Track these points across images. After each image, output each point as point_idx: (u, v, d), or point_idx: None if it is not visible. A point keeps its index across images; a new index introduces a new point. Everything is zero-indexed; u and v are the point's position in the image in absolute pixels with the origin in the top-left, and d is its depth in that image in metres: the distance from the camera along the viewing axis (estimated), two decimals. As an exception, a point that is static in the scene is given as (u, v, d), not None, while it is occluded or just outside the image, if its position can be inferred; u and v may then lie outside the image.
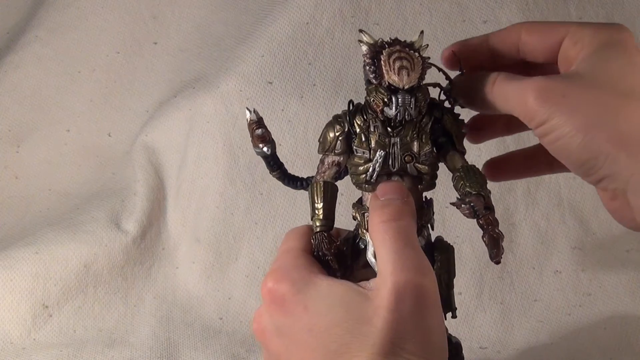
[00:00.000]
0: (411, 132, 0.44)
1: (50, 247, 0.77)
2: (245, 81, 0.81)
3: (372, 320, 0.39)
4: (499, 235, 0.44)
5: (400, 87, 0.42)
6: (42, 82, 0.91)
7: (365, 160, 0.45)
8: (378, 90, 0.43)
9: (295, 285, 0.42)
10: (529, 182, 0.80)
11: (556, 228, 0.79)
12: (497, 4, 0.81)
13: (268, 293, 0.43)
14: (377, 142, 0.44)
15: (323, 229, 0.45)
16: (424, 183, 0.45)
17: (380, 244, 0.42)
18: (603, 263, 0.79)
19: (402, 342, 0.39)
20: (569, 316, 0.76)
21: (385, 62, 0.42)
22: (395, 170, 0.45)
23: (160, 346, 0.73)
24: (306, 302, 0.41)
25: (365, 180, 0.45)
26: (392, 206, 0.43)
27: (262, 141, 0.47)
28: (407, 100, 0.42)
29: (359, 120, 0.45)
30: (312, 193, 0.46)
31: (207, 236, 0.81)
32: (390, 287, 0.39)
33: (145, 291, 0.80)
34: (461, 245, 0.77)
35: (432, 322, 0.41)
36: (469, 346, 0.74)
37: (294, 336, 0.42)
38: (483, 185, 0.44)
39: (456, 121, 0.45)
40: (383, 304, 0.39)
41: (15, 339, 0.74)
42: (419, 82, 0.42)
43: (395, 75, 0.42)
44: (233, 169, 0.81)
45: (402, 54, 0.42)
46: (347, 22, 0.82)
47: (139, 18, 0.91)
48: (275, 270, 0.44)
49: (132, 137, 0.89)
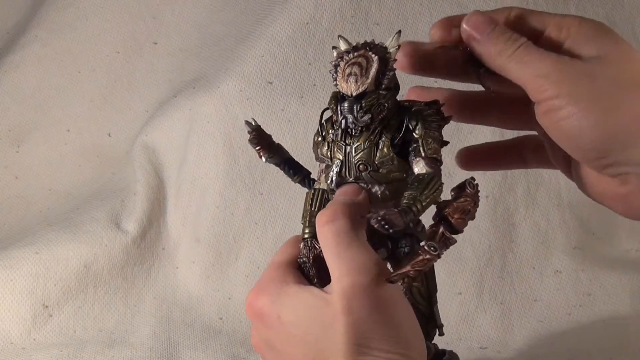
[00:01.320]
0: (364, 140, 0.42)
1: (50, 247, 0.77)
2: (245, 81, 0.81)
3: (334, 325, 0.39)
4: (393, 214, 0.40)
5: (348, 94, 0.41)
6: (42, 82, 0.91)
7: (329, 167, 0.44)
8: (330, 99, 0.42)
9: (270, 296, 0.42)
10: (529, 182, 0.80)
11: (556, 228, 0.79)
12: (497, 4, 0.81)
13: (248, 308, 0.44)
14: (335, 151, 0.43)
15: (310, 236, 0.45)
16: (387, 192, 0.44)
17: (324, 249, 0.42)
18: (603, 263, 0.79)
19: (366, 342, 0.39)
20: (569, 316, 0.76)
21: (340, 69, 0.42)
22: (351, 180, 0.43)
23: (160, 346, 0.73)
24: (279, 312, 0.41)
25: (330, 188, 0.45)
26: (328, 208, 0.42)
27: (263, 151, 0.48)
28: (351, 108, 0.41)
29: (329, 129, 0.44)
30: (306, 200, 0.46)
31: (207, 236, 0.81)
32: (339, 292, 0.40)
33: (145, 291, 0.80)
34: (461, 245, 0.77)
35: (394, 315, 0.40)
36: (469, 346, 0.74)
37: (279, 347, 0.42)
38: (418, 198, 0.40)
39: (425, 124, 0.42)
40: (337, 308, 0.39)
41: (15, 339, 0.74)
42: (376, 85, 0.41)
43: (343, 83, 0.41)
44: (233, 169, 0.81)
45: (358, 59, 0.41)
46: (347, 22, 0.82)
47: (139, 18, 0.91)
48: (257, 285, 0.44)
49: (132, 137, 0.89)
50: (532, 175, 0.80)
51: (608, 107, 0.39)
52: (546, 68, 0.40)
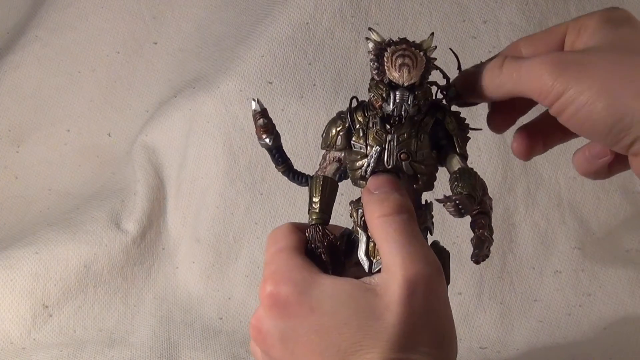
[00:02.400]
0: (409, 130, 0.44)
1: (50, 247, 0.77)
2: (245, 81, 0.81)
3: (383, 315, 0.39)
4: (487, 239, 0.44)
5: (400, 83, 0.42)
6: (42, 82, 0.91)
7: (361, 155, 0.45)
8: (378, 86, 0.43)
9: (297, 286, 0.41)
10: (529, 182, 0.80)
11: (556, 228, 0.79)
12: (497, 4, 0.81)
13: (268, 297, 0.42)
14: (374, 138, 0.44)
15: (318, 221, 0.45)
16: (420, 183, 0.45)
17: (383, 239, 0.41)
18: (603, 263, 0.79)
19: (416, 336, 0.39)
20: (569, 316, 0.76)
21: (388, 59, 0.42)
22: (390, 167, 0.44)
23: (160, 346, 0.73)
24: (311, 303, 0.40)
25: (361, 176, 0.45)
26: (392, 200, 0.42)
27: (264, 132, 0.47)
28: (405, 97, 0.42)
29: (360, 117, 0.45)
30: (311, 187, 0.47)
31: (207, 236, 0.81)
32: (401, 281, 0.39)
33: (145, 291, 0.80)
34: (461, 245, 0.77)
35: (442, 315, 0.41)
36: (469, 346, 0.74)
37: (300, 339, 0.41)
38: (476, 187, 0.43)
39: (459, 124, 0.45)
40: (394, 298, 0.39)
41: (15, 339, 0.74)
42: (421, 81, 0.43)
43: (395, 72, 0.42)
44: (233, 169, 0.81)
45: (406, 52, 0.42)
46: (347, 22, 0.82)
47: (139, 18, 0.91)
48: (273, 273, 0.43)
49: (132, 137, 0.88)
50: (532, 175, 0.80)
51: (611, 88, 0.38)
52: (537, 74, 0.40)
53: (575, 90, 0.39)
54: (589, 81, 0.39)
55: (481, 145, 0.79)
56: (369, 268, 0.45)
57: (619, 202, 0.80)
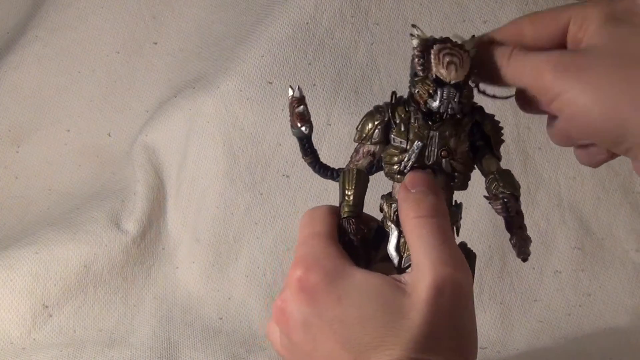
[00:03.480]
0: (451, 128, 0.44)
1: (50, 247, 0.77)
2: (245, 81, 0.81)
3: (409, 314, 0.39)
4: (528, 237, 0.46)
5: (447, 80, 0.42)
6: (42, 82, 0.91)
7: (401, 150, 0.45)
8: (424, 82, 0.43)
9: (328, 275, 0.41)
10: (529, 182, 0.80)
11: (556, 228, 0.79)
12: (497, 4, 0.81)
13: (298, 281, 0.42)
14: (416, 133, 0.44)
15: (351, 214, 0.45)
16: (457, 182, 0.46)
17: (416, 239, 0.42)
18: (603, 263, 0.79)
19: (438, 338, 0.39)
20: (569, 316, 0.76)
21: (435, 55, 0.43)
22: (429, 164, 0.45)
23: (160, 346, 0.73)
24: (339, 293, 0.41)
25: (399, 171, 0.45)
26: (428, 202, 0.43)
27: (301, 120, 0.48)
28: (452, 94, 0.42)
29: (401, 112, 0.45)
30: (344, 179, 0.46)
31: (207, 236, 0.81)
32: (430, 282, 0.39)
33: (145, 291, 0.80)
34: (461, 245, 0.77)
35: (467, 318, 0.41)
36: (469, 346, 0.74)
37: (323, 327, 0.41)
38: (517, 187, 0.45)
39: (495, 127, 0.46)
40: (422, 298, 0.39)
41: (15, 339, 0.74)
42: (466, 80, 0.43)
43: (443, 69, 0.42)
44: (233, 169, 0.81)
45: (452, 50, 0.43)
46: (347, 22, 0.82)
47: (139, 18, 0.91)
48: (304, 257, 0.43)
49: (132, 137, 0.88)
50: (532, 175, 0.80)
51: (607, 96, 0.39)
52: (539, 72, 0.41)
53: (572, 93, 0.40)
54: (586, 86, 0.39)
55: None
56: (398, 263, 0.45)
57: (619, 202, 0.80)
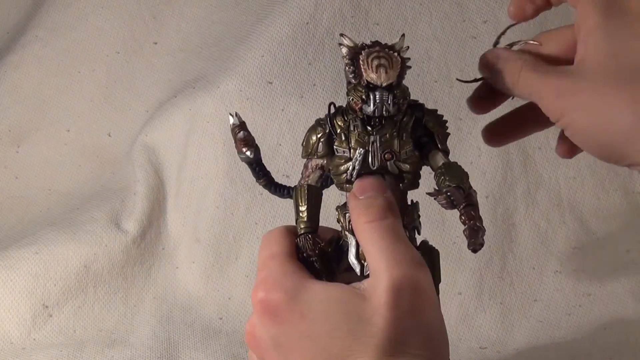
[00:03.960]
0: (391, 130, 0.44)
1: (50, 247, 0.77)
2: (245, 81, 0.81)
3: (372, 319, 0.39)
4: (480, 228, 0.44)
5: (378, 84, 0.43)
6: (42, 82, 0.91)
7: (345, 159, 0.45)
8: (356, 89, 0.43)
9: (288, 292, 0.41)
10: (529, 182, 0.80)
11: (556, 228, 0.79)
12: (497, 4, 0.81)
13: (260, 303, 0.42)
14: (357, 141, 0.45)
15: (307, 230, 0.45)
16: (406, 182, 0.46)
17: (368, 243, 0.42)
18: (603, 263, 0.79)
19: (405, 339, 0.39)
20: (569, 316, 0.76)
21: (364, 61, 0.43)
22: (375, 168, 0.45)
23: (160, 346, 0.73)
24: (302, 309, 0.41)
25: (346, 180, 0.45)
26: (376, 205, 0.43)
27: (244, 145, 0.48)
28: (384, 97, 0.43)
29: (340, 121, 0.45)
30: (296, 196, 0.47)
31: (207, 236, 0.81)
32: (387, 284, 0.39)
33: (145, 291, 0.80)
34: (461, 245, 0.77)
35: (431, 315, 0.41)
36: (469, 346, 0.74)
37: (292, 345, 0.41)
38: (463, 179, 0.44)
39: (438, 121, 0.46)
40: (381, 302, 0.39)
41: (15, 339, 0.74)
42: (398, 80, 0.43)
43: (373, 73, 0.42)
44: (233, 169, 0.81)
45: (380, 53, 0.43)
46: (347, 22, 0.82)
47: (139, 18, 0.91)
48: (264, 280, 0.43)
49: (132, 137, 0.89)
50: (532, 175, 0.80)
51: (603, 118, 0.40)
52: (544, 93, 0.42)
53: (571, 117, 0.41)
54: (582, 110, 0.41)
55: (481, 145, 0.78)
56: (360, 271, 0.45)
57: (619, 202, 0.80)
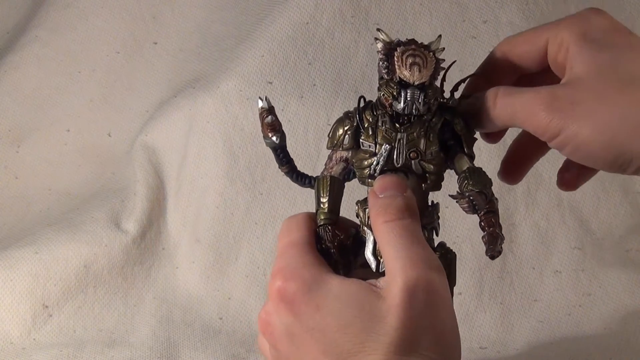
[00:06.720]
0: (419, 129, 0.44)
1: (50, 247, 0.77)
2: (245, 81, 0.81)
3: (386, 318, 0.39)
4: (499, 236, 0.45)
5: (411, 82, 0.43)
6: (42, 82, 0.91)
7: (370, 154, 0.45)
8: (388, 85, 0.43)
9: (305, 284, 0.41)
10: (529, 182, 0.80)
11: (556, 228, 0.79)
12: (497, 4, 0.81)
13: (277, 292, 0.42)
14: (384, 137, 0.44)
15: (327, 222, 0.45)
16: (429, 183, 0.46)
17: (386, 243, 0.42)
18: (603, 263, 0.79)
19: (417, 339, 0.39)
20: (569, 316, 0.76)
21: (398, 58, 0.43)
22: (399, 166, 0.45)
23: (160, 346, 0.73)
24: (318, 302, 0.41)
25: (369, 175, 0.45)
26: (395, 205, 0.43)
27: (271, 130, 0.47)
28: (415, 95, 0.42)
29: (369, 116, 0.45)
30: (318, 187, 0.47)
31: (207, 236, 0.81)
32: (402, 285, 0.39)
33: (145, 291, 0.80)
34: (461, 245, 0.77)
35: (444, 317, 0.41)
36: (469, 346, 0.74)
37: (305, 336, 0.41)
38: (487, 185, 0.44)
39: (467, 125, 0.46)
40: (396, 301, 0.39)
41: (15, 339, 0.74)
42: (431, 80, 0.43)
43: (406, 71, 0.43)
44: (233, 169, 0.81)
45: (416, 52, 0.43)
46: (347, 22, 0.82)
47: (139, 18, 0.91)
48: (283, 268, 0.43)
49: (132, 137, 0.89)
50: (532, 175, 0.80)
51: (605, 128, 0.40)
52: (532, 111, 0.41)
53: (570, 130, 0.40)
54: (582, 122, 0.40)
55: (481, 145, 0.78)
56: (376, 268, 0.45)
57: (619, 202, 0.80)
